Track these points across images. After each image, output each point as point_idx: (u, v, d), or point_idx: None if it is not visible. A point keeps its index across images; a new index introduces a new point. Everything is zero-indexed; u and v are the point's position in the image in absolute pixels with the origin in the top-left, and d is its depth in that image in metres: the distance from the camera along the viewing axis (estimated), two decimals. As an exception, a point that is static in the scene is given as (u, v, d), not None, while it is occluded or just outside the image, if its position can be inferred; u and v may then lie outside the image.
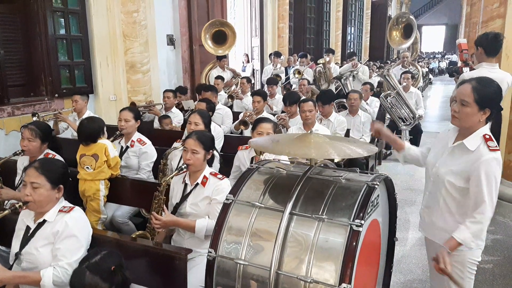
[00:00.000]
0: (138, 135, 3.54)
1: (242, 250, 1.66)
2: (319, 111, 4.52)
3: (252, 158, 3.10)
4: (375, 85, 7.20)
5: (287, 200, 1.65)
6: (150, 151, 3.53)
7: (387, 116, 6.33)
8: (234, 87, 6.61)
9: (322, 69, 7.54)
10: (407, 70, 7.38)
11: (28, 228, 2.08)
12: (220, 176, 2.52)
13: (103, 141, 3.10)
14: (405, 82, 6.47)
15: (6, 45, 4.56)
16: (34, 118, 4.08)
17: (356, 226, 1.53)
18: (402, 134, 6.08)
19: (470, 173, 1.91)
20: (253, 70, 10.19)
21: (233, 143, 3.96)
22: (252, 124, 3.77)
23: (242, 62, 10.00)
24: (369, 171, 2.50)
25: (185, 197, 2.51)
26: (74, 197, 2.84)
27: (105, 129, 3.21)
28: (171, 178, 2.63)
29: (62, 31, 4.98)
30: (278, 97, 6.24)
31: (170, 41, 6.86)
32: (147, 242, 2.51)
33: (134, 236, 2.80)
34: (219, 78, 6.29)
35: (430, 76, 19.38)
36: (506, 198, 4.08)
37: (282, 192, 1.76)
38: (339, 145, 1.83)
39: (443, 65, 24.66)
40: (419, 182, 5.13)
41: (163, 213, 2.46)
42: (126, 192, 3.15)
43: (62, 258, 1.94)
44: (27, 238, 2.05)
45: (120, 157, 3.34)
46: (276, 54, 8.84)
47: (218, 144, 3.95)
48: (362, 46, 17.75)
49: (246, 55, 10.18)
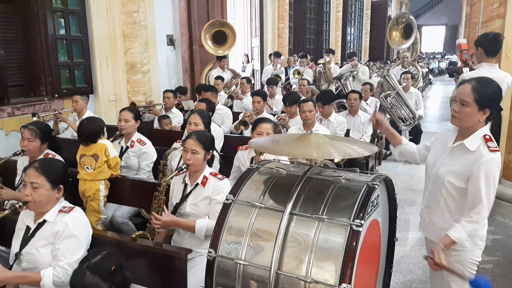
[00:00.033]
0: (138, 135, 3.54)
1: (242, 250, 1.66)
2: (319, 112, 4.52)
3: (252, 158, 3.10)
4: (375, 85, 7.20)
5: (287, 200, 1.65)
6: (150, 151, 3.53)
7: (387, 116, 6.33)
8: (234, 87, 6.61)
9: (322, 69, 7.54)
10: (407, 70, 7.38)
11: (28, 228, 2.08)
12: (220, 176, 2.52)
13: (103, 141, 3.10)
14: (405, 83, 6.48)
15: (6, 45, 4.56)
16: (34, 118, 4.08)
17: (356, 226, 1.53)
18: (402, 134, 6.05)
19: (470, 173, 1.92)
20: (253, 70, 10.19)
21: (233, 143, 3.96)
22: (252, 124, 3.77)
23: (242, 63, 10.00)
24: (369, 171, 2.50)
25: (185, 197, 2.51)
26: (74, 197, 2.84)
27: (105, 129, 3.21)
28: (171, 178, 2.63)
29: (62, 31, 4.98)
30: (278, 97, 6.24)
31: (170, 41, 6.86)
32: (147, 242, 2.51)
33: (134, 236, 2.80)
34: (219, 78, 6.30)
35: (430, 76, 19.39)
36: (506, 198, 4.07)
37: (282, 192, 1.76)
38: (340, 145, 1.84)
39: (443, 65, 24.64)
40: (419, 182, 5.13)
41: (163, 213, 2.46)
42: (126, 192, 3.15)
43: (62, 258, 1.94)
44: (27, 238, 2.05)
45: (120, 157, 3.34)
46: (276, 55, 8.83)
47: (218, 144, 3.95)
48: (362, 47, 17.74)
49: (246, 56, 10.18)
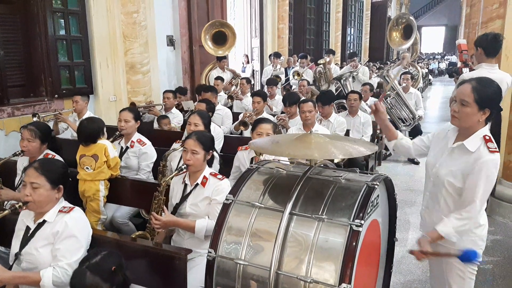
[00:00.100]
0: (138, 136, 3.54)
1: (242, 250, 1.66)
2: (319, 112, 4.52)
3: (252, 159, 3.10)
4: (375, 85, 7.21)
5: (287, 200, 1.65)
6: (150, 152, 3.53)
7: (387, 116, 6.32)
8: (234, 88, 6.61)
9: (322, 69, 7.55)
10: (407, 70, 7.38)
11: (28, 228, 2.08)
12: (220, 176, 2.52)
13: (103, 141, 3.10)
14: (404, 83, 6.48)
15: (6, 45, 4.56)
16: (35, 119, 4.08)
17: (356, 226, 1.53)
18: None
19: (469, 173, 1.91)
20: (253, 71, 10.20)
21: (233, 144, 3.96)
22: (251, 124, 3.76)
23: (242, 63, 10.00)
24: (369, 172, 2.50)
25: (185, 197, 2.51)
26: (74, 197, 2.83)
27: (105, 129, 3.21)
28: (171, 178, 2.63)
29: (62, 32, 4.98)
30: (278, 97, 6.25)
31: (170, 41, 6.86)
32: (147, 242, 2.51)
33: (134, 236, 2.80)
34: (219, 78, 6.30)
35: (430, 77, 19.40)
36: (506, 198, 4.06)
37: (282, 192, 1.75)
38: (341, 144, 1.83)
39: (443, 66, 24.66)
40: (419, 183, 5.13)
41: (163, 213, 2.45)
42: (126, 192, 3.15)
43: (62, 259, 1.94)
44: (27, 238, 2.05)
45: (120, 157, 3.34)
46: (275, 55, 8.83)
47: (218, 144, 3.95)
48: (362, 47, 17.75)
49: (246, 56, 10.18)
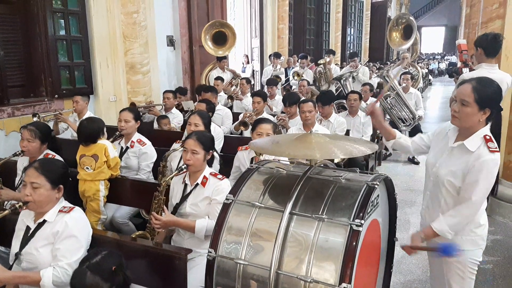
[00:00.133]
0: (138, 136, 3.54)
1: (242, 250, 1.66)
2: (319, 112, 4.52)
3: (252, 159, 3.10)
4: (375, 85, 7.21)
5: (287, 200, 1.65)
6: (150, 152, 3.53)
7: (387, 116, 6.33)
8: (234, 88, 6.61)
9: (322, 69, 7.55)
10: (407, 71, 7.38)
11: (28, 228, 2.08)
12: (220, 176, 2.52)
13: (103, 141, 3.10)
14: (404, 83, 6.48)
15: (6, 45, 4.56)
16: (35, 119, 4.09)
17: (356, 226, 1.53)
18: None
19: (469, 172, 1.91)
20: (253, 71, 10.20)
21: (233, 144, 3.96)
22: (251, 125, 3.76)
23: (242, 63, 10.00)
24: (369, 172, 2.50)
25: (185, 197, 2.51)
26: (74, 197, 2.84)
27: (105, 129, 3.21)
28: (171, 178, 2.63)
29: (62, 32, 4.98)
30: (278, 98, 6.25)
31: (170, 42, 6.86)
32: (147, 242, 2.51)
33: (134, 236, 2.80)
34: (219, 79, 6.30)
35: (430, 77, 19.41)
36: (506, 198, 4.06)
37: (282, 192, 1.75)
38: (342, 144, 1.83)
39: (443, 66, 24.68)
40: (419, 183, 5.13)
41: (163, 213, 2.46)
42: (126, 192, 3.15)
43: (62, 259, 1.94)
44: (27, 238, 2.05)
45: (120, 157, 3.34)
46: (275, 55, 8.83)
47: (218, 144, 3.95)
48: (362, 47, 17.76)
49: (246, 56, 10.18)
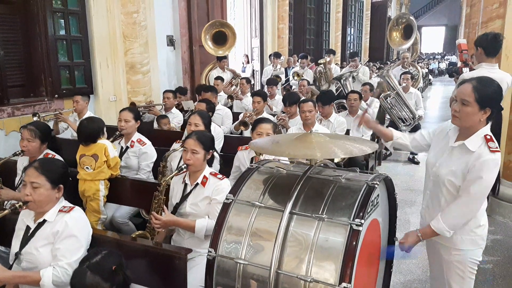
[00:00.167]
0: (138, 136, 3.54)
1: (242, 249, 1.66)
2: (319, 112, 4.52)
3: (252, 159, 3.10)
4: (375, 85, 7.20)
5: (287, 199, 1.65)
6: (150, 152, 3.53)
7: (387, 116, 6.33)
8: (234, 87, 6.61)
9: (322, 69, 7.54)
10: (407, 70, 7.37)
11: (28, 228, 2.08)
12: (220, 176, 2.52)
13: (103, 141, 3.10)
14: (404, 83, 6.48)
15: (6, 45, 4.56)
16: (35, 118, 4.08)
17: (356, 225, 1.53)
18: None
19: (469, 172, 1.91)
20: (253, 71, 10.19)
21: (233, 144, 3.96)
22: (252, 124, 3.76)
23: (242, 63, 10.00)
24: (369, 171, 2.49)
25: (185, 197, 2.51)
26: (74, 197, 2.84)
27: (105, 129, 3.21)
28: (171, 178, 2.63)
29: (62, 32, 4.98)
30: (278, 97, 6.25)
31: (170, 42, 6.86)
32: (147, 242, 2.51)
33: (134, 236, 2.80)
34: (219, 78, 6.30)
35: (430, 77, 19.40)
36: (506, 198, 4.06)
37: (282, 191, 1.75)
38: (342, 143, 1.83)
39: (443, 66, 24.67)
40: (419, 183, 5.13)
41: (163, 213, 2.46)
42: (126, 192, 3.15)
43: (62, 258, 1.94)
44: (27, 238, 2.05)
45: (120, 157, 3.34)
46: (276, 55, 8.83)
47: (218, 144, 3.95)
48: (362, 47, 17.76)
49: (246, 56, 10.18)
